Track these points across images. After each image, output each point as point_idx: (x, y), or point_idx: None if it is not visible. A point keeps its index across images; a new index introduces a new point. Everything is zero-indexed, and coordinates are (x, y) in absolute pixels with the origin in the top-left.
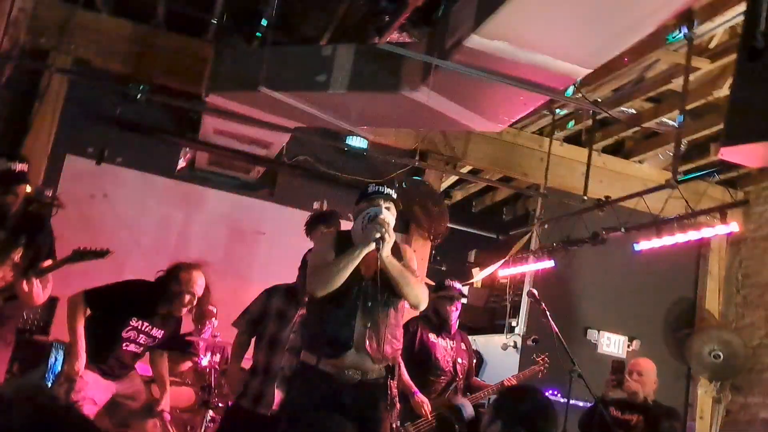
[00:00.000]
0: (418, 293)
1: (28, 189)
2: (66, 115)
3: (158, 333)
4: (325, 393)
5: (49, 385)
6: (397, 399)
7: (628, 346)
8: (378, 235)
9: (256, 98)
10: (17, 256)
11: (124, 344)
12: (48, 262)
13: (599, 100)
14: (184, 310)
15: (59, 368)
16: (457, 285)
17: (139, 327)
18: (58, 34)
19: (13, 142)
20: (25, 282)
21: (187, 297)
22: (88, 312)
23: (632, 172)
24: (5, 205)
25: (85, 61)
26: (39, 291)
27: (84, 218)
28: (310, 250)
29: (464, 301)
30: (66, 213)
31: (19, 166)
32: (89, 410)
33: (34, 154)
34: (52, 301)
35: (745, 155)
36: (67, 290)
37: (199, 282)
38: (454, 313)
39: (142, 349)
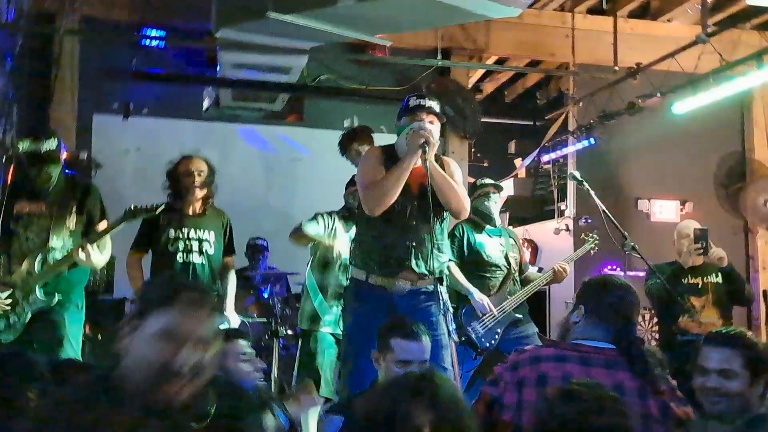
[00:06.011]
0: (460, 199)
1: (64, 155)
2: (85, 76)
3: (205, 234)
4: (378, 303)
5: None
6: (449, 303)
7: (681, 210)
8: (422, 140)
9: (267, 25)
10: (72, 223)
11: (179, 256)
12: (102, 225)
13: None
14: (200, 193)
15: None
16: (489, 180)
17: (182, 235)
18: None
19: (38, 112)
20: (81, 249)
21: (193, 178)
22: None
23: (662, 32)
24: (43, 183)
25: (92, 17)
26: (98, 255)
27: (122, 174)
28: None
29: (501, 193)
30: (104, 172)
31: (45, 146)
32: None
33: (62, 120)
34: (110, 260)
35: None
36: (124, 245)
37: (194, 162)
38: (495, 207)
39: (204, 257)
